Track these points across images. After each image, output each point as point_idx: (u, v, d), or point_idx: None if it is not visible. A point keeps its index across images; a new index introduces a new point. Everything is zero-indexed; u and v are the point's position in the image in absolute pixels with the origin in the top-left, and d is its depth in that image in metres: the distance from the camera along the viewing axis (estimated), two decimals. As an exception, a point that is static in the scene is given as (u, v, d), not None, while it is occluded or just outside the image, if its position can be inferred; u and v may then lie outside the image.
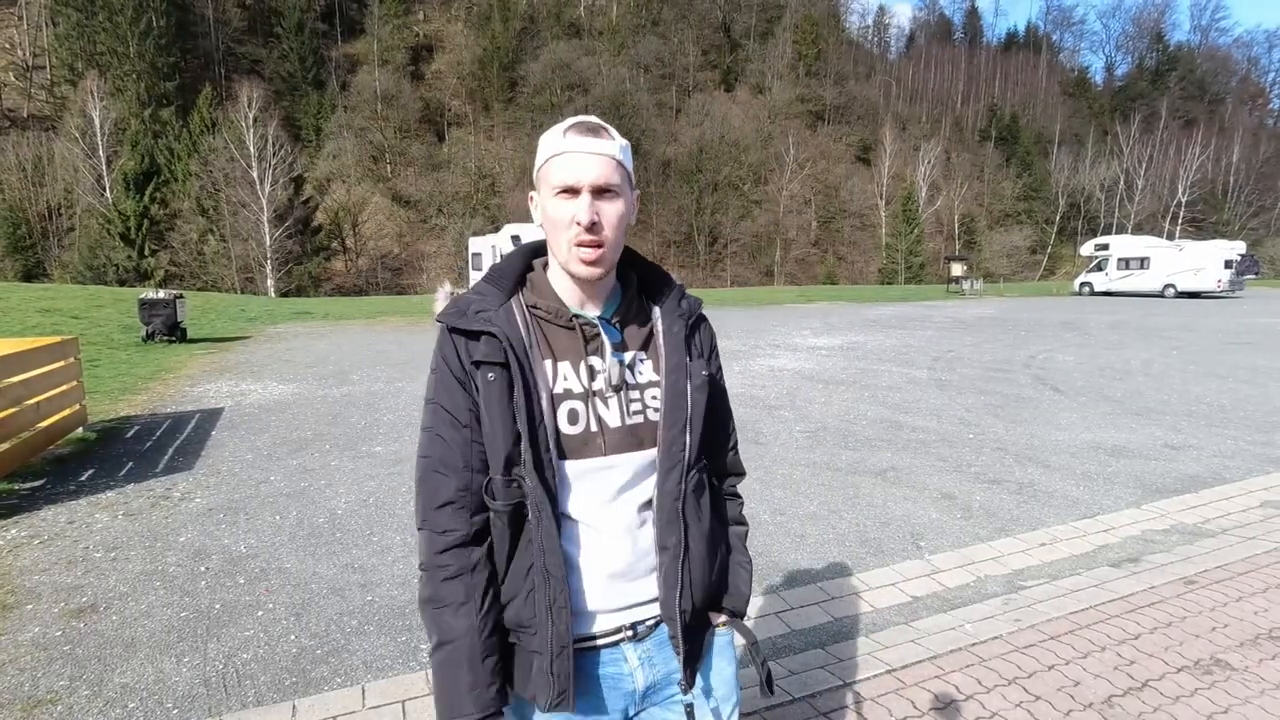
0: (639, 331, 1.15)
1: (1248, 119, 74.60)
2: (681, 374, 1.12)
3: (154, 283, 35.90)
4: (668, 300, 1.18)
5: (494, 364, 1.03)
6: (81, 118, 43.58)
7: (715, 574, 1.18)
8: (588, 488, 1.08)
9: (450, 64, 64.80)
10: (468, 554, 1.06)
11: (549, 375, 1.08)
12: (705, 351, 1.20)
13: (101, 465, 5.50)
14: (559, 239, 1.06)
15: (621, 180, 1.06)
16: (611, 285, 1.16)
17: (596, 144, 1.04)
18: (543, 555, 1.03)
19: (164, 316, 12.86)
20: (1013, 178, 67.34)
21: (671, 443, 1.10)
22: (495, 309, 1.08)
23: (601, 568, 1.09)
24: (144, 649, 2.89)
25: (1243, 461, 5.60)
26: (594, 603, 1.09)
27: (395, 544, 3.98)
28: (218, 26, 59.60)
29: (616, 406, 1.09)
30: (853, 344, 13.73)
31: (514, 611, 1.06)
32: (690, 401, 1.12)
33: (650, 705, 1.17)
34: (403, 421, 6.98)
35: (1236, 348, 12.83)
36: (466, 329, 1.06)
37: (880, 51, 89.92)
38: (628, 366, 1.12)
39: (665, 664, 1.14)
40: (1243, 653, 2.78)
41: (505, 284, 1.13)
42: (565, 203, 1.04)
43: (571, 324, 1.10)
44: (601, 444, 1.07)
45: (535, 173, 1.10)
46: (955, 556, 3.82)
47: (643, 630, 1.12)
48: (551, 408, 1.06)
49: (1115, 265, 31.94)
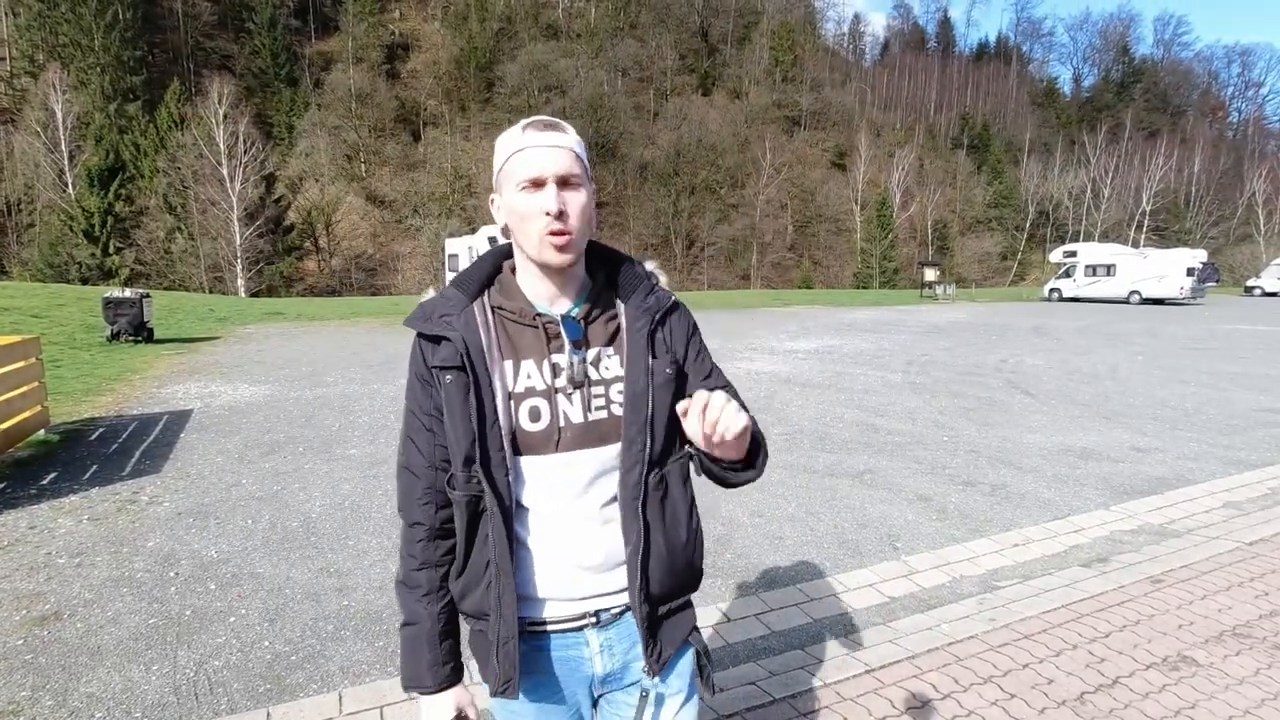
0: (605, 327, 1.16)
1: (1208, 131, 76.92)
2: (641, 373, 1.13)
3: (118, 281, 34.98)
4: (634, 295, 1.18)
5: (451, 368, 1.08)
6: (43, 111, 42.31)
7: (684, 565, 1.18)
8: (550, 482, 1.11)
9: (426, 63, 64.22)
10: (434, 548, 1.16)
11: (509, 375, 1.11)
12: (675, 345, 1.18)
13: (65, 468, 5.34)
14: (528, 232, 1.07)
15: (581, 172, 1.08)
16: (580, 280, 1.17)
17: (555, 137, 1.07)
18: (494, 550, 1.09)
19: (129, 316, 12.54)
20: (984, 185, 68.62)
21: (631, 442, 1.11)
22: (457, 313, 1.12)
23: (564, 559, 1.12)
24: (111, 657, 2.81)
25: (1206, 464, 5.76)
26: (556, 591, 1.13)
27: (371, 548, 3.92)
28: (187, 20, 58.35)
29: (579, 402, 1.11)
30: (829, 348, 13.87)
31: (473, 603, 1.13)
32: (650, 401, 1.12)
33: (611, 690, 1.20)
34: (378, 424, 6.89)
35: (1199, 353, 13.21)
36: (429, 334, 1.11)
37: (855, 59, 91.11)
38: (591, 363, 1.13)
39: (625, 653, 1.17)
40: (1208, 649, 2.85)
41: (470, 287, 1.15)
42: (531, 195, 1.06)
43: (535, 322, 1.12)
44: (561, 440, 1.10)
45: (496, 175, 1.12)
46: (931, 557, 3.87)
47: (606, 618, 1.15)
48: (508, 407, 1.09)
49: (1083, 272, 32.71)
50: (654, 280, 1.21)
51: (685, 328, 1.21)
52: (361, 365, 10.78)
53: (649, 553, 1.12)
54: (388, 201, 55.98)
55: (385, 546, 3.94)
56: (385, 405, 7.75)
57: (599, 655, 1.16)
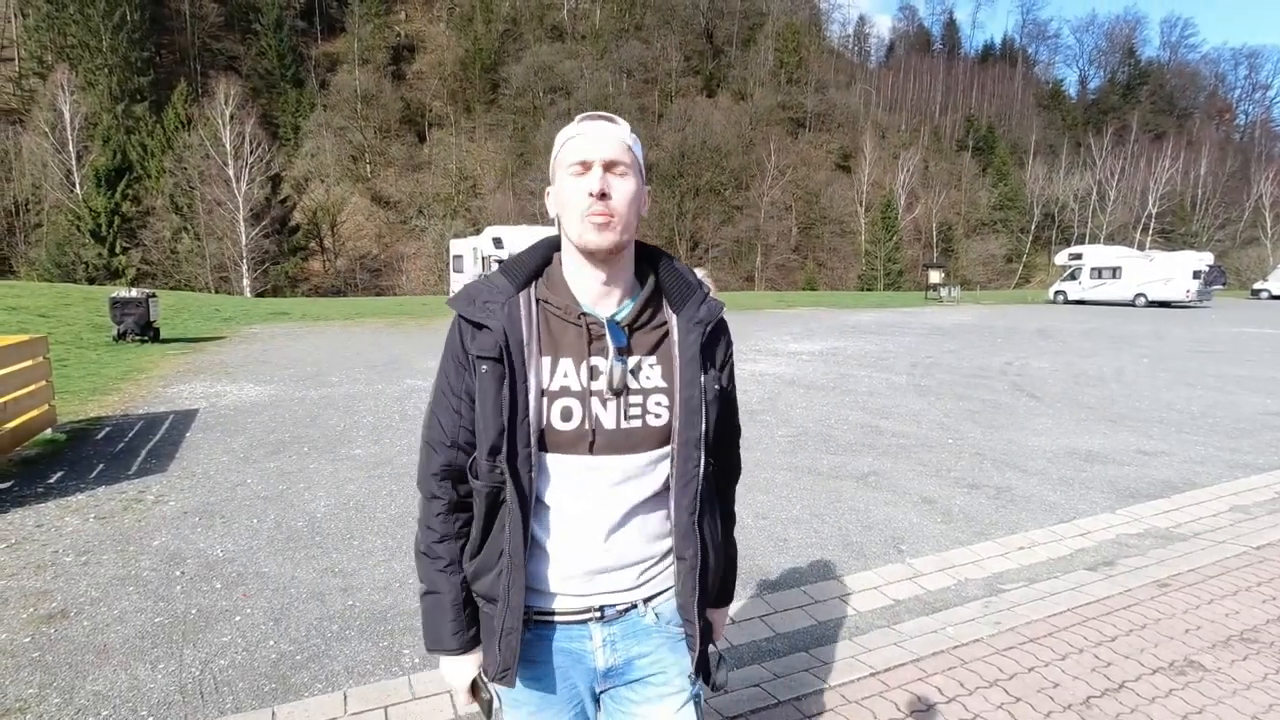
0: (650, 335, 1.15)
1: (1215, 133, 76.61)
2: (695, 388, 1.12)
3: (125, 281, 35.16)
4: (687, 306, 1.16)
5: (488, 358, 1.08)
6: (51, 111, 42.56)
7: (725, 572, 1.27)
8: (576, 483, 1.11)
9: (432, 64, 64.40)
10: (453, 520, 1.18)
11: (545, 371, 1.10)
12: (720, 362, 1.19)
13: (71, 467, 5.36)
14: (571, 215, 1.07)
15: (632, 162, 1.09)
16: (627, 281, 1.15)
17: (608, 127, 1.09)
18: (509, 542, 1.10)
19: (136, 316, 12.58)
20: (989, 187, 68.46)
21: (686, 459, 1.12)
22: (501, 302, 1.11)
23: (580, 558, 1.13)
24: (117, 655, 2.82)
25: (1212, 467, 5.74)
26: (567, 587, 1.14)
27: (376, 548, 3.93)
28: (194, 21, 58.64)
29: (614, 409, 1.10)
30: (833, 349, 13.85)
31: (484, 586, 1.15)
32: (704, 417, 1.13)
33: (615, 685, 1.21)
34: (382, 424, 6.90)
35: (1205, 356, 13.15)
36: (471, 319, 1.11)
37: (860, 61, 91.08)
38: (631, 371, 1.12)
39: (629, 649, 1.18)
40: (1215, 654, 2.84)
41: (518, 276, 1.14)
42: (578, 178, 1.07)
43: (579, 321, 1.11)
44: (591, 444, 1.09)
45: (552, 166, 1.13)
46: (936, 560, 3.86)
47: (611, 614, 1.16)
48: (540, 404, 1.08)
49: (1088, 274, 32.61)
50: (705, 289, 1.20)
51: (726, 348, 1.22)
52: (366, 365, 10.81)
53: (707, 567, 1.16)
54: (393, 202, 56.14)
55: (390, 547, 3.94)
56: (389, 405, 7.77)
57: (601, 649, 1.17)
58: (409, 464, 5.53)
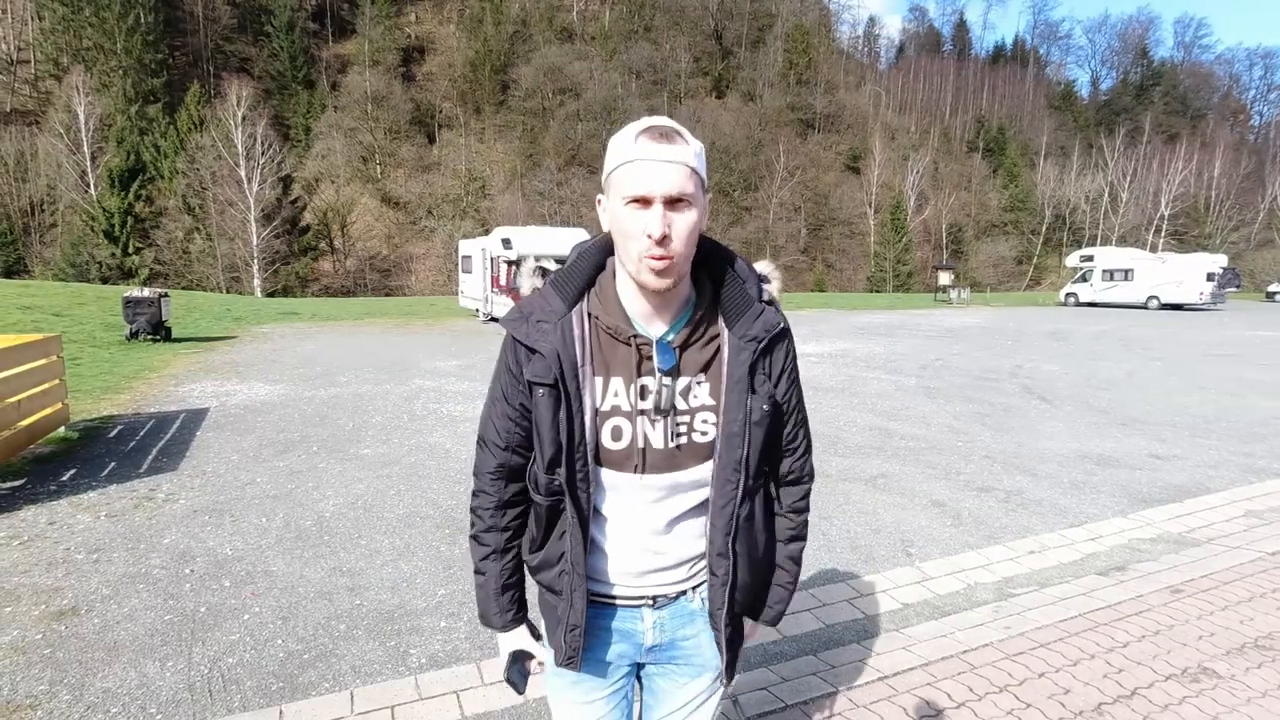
0: (701, 353, 1.13)
1: (1229, 135, 75.75)
2: (739, 411, 1.11)
3: (138, 281, 35.46)
4: (741, 321, 1.12)
5: (544, 384, 1.09)
6: (66, 113, 43.01)
7: (762, 588, 1.29)
8: (624, 496, 1.16)
9: (442, 66, 64.62)
10: (500, 515, 1.24)
11: (598, 391, 1.12)
12: (777, 375, 1.16)
13: (84, 465, 5.41)
14: (629, 249, 1.04)
15: (695, 188, 1.02)
16: (682, 298, 1.13)
17: (670, 151, 1.00)
18: (569, 548, 1.17)
19: (148, 315, 12.69)
20: (999, 188, 68.00)
21: (725, 481, 1.14)
22: (555, 321, 1.11)
23: (633, 559, 1.20)
24: (127, 653, 2.84)
25: (1226, 471, 5.67)
26: (622, 581, 1.22)
27: (384, 547, 3.94)
28: (207, 24, 59.11)
29: (662, 429, 1.12)
30: (842, 351, 13.79)
31: (548, 579, 1.22)
32: (746, 440, 1.12)
33: (656, 662, 1.29)
34: (391, 424, 6.93)
35: (1218, 359, 13.02)
36: (525, 341, 1.12)
37: (870, 62, 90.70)
38: (680, 393, 1.12)
39: (674, 630, 1.26)
40: (1229, 661, 2.80)
41: (570, 291, 1.13)
42: (636, 213, 1.01)
43: (630, 341, 1.10)
44: (641, 463, 1.13)
45: (604, 177, 1.08)
46: (945, 564, 3.83)
47: (662, 600, 1.24)
48: (594, 423, 1.12)
49: (1100, 276, 32.35)
50: (765, 287, 1.17)
51: (785, 357, 1.18)
52: (374, 366, 10.85)
53: (735, 584, 1.20)
54: (402, 203, 56.36)
55: (397, 547, 3.95)
56: (397, 405, 7.80)
57: (651, 630, 1.25)
58: (417, 464, 5.54)
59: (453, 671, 2.74)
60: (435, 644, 2.96)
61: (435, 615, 3.19)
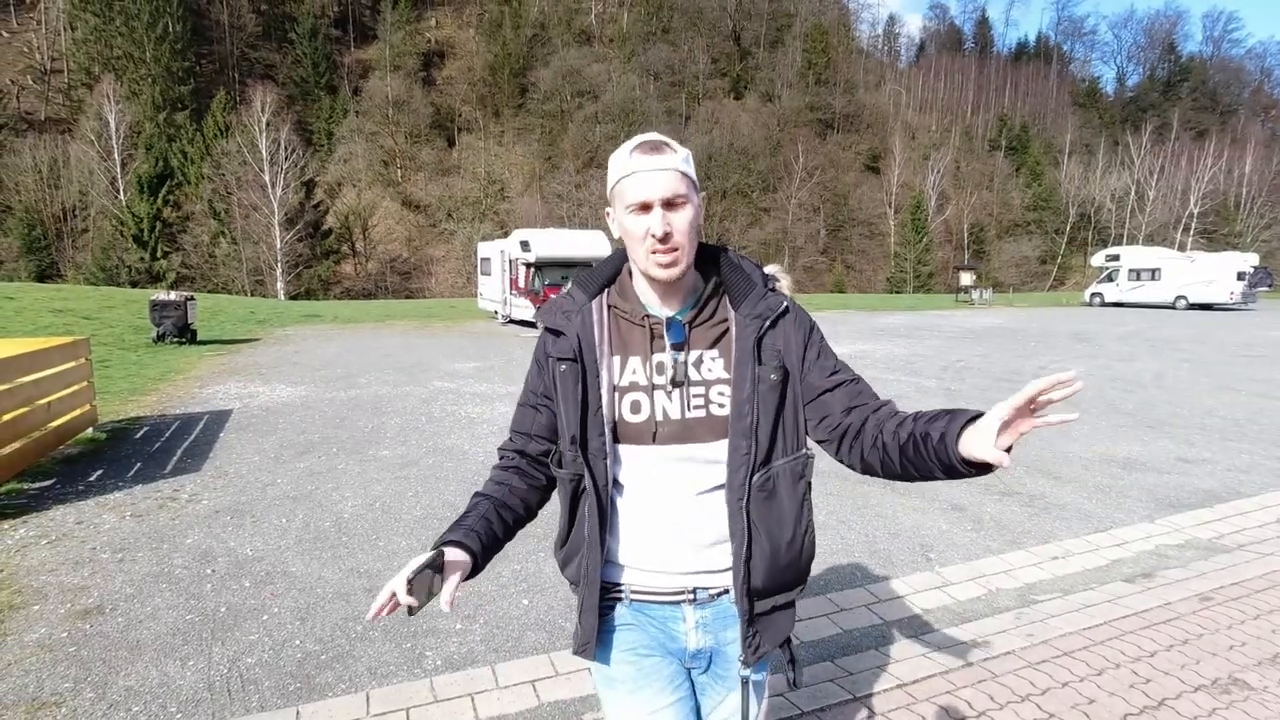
0: (711, 331, 1.25)
1: (1260, 131, 74.03)
2: (747, 380, 1.20)
3: (165, 284, 36.19)
4: (745, 302, 1.24)
5: (565, 359, 1.23)
6: (97, 121, 44.10)
7: (786, 562, 1.24)
8: (643, 469, 1.22)
9: (461, 70, 65.18)
10: (505, 475, 1.34)
11: (616, 369, 1.24)
12: (786, 349, 1.24)
13: (110, 466, 5.51)
14: (637, 250, 1.19)
15: (687, 189, 1.17)
16: (691, 285, 1.26)
17: (660, 160, 1.15)
18: (588, 526, 1.23)
19: (175, 318, 12.94)
20: (1022, 187, 66.98)
21: (736, 447, 1.20)
22: (576, 310, 1.27)
23: (662, 535, 1.23)
24: (149, 651, 2.89)
25: (1258, 476, 5.53)
26: (656, 563, 1.24)
27: (401, 548, 3.97)
28: (232, 31, 60.17)
29: (678, 400, 1.21)
30: (861, 352, 13.67)
31: (573, 571, 1.29)
32: (755, 407, 1.19)
33: (704, 672, 1.30)
34: (409, 425, 6.98)
35: (1249, 360, 12.70)
36: (553, 327, 1.27)
37: (890, 60, 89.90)
38: (693, 364, 1.22)
39: (719, 633, 1.27)
40: (1261, 672, 2.73)
41: (592, 286, 1.30)
42: (639, 218, 1.16)
43: (643, 322, 1.24)
44: (658, 434, 1.20)
45: (609, 191, 1.22)
46: (966, 569, 3.77)
47: (703, 597, 1.25)
48: (611, 398, 1.22)
49: (1126, 276, 31.74)
50: (772, 284, 1.29)
51: (800, 330, 1.27)
52: (394, 368, 10.95)
53: (752, 552, 1.21)
54: (422, 206, 56.91)
55: (414, 548, 3.97)
56: (416, 407, 7.86)
57: (694, 631, 1.26)
58: (435, 466, 5.58)
59: (468, 674, 2.75)
60: (451, 646, 2.97)
61: (450, 618, 3.20)
